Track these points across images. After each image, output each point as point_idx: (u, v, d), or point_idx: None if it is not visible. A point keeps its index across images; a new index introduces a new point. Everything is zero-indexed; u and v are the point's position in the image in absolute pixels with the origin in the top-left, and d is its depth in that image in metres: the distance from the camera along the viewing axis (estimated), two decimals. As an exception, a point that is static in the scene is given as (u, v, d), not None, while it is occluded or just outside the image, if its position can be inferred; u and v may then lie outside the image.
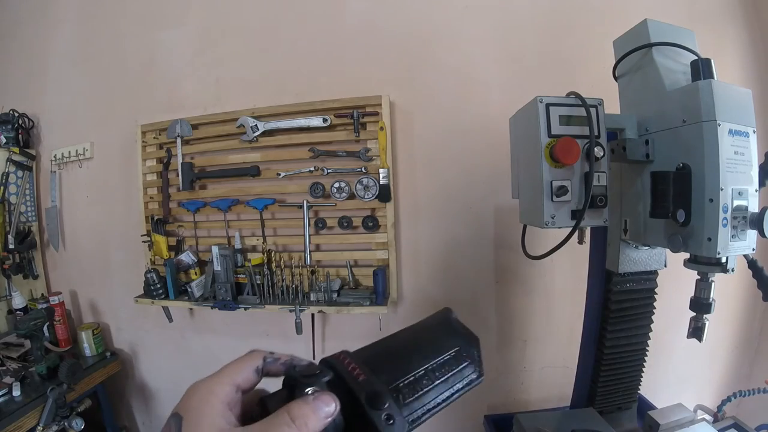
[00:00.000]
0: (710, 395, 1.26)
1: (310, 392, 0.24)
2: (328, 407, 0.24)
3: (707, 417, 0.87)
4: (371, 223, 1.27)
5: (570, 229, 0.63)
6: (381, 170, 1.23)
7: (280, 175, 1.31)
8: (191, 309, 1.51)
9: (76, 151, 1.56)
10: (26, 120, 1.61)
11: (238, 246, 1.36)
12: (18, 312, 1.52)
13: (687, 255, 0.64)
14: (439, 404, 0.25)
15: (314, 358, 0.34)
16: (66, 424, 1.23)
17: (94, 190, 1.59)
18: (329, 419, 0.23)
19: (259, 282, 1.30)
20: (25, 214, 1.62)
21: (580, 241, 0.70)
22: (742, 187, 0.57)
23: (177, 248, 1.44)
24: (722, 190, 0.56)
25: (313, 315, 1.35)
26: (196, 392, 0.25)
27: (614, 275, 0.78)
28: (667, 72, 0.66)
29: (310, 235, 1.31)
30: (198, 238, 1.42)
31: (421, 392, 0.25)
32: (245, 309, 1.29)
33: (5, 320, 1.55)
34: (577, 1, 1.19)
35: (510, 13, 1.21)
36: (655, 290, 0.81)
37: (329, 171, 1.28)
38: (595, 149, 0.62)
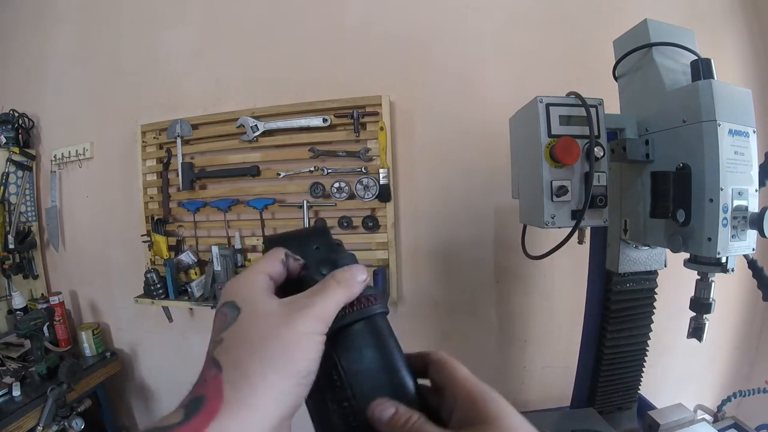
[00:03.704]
0: (710, 395, 1.26)
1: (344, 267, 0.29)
2: (363, 274, 0.28)
3: (707, 417, 0.87)
4: (371, 223, 1.27)
5: (570, 229, 0.63)
6: (381, 170, 1.23)
7: (280, 175, 1.31)
8: (191, 309, 1.51)
9: (76, 151, 1.56)
10: (26, 120, 1.61)
11: (238, 246, 1.36)
12: (18, 312, 1.52)
13: (687, 255, 0.64)
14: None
15: None
16: (66, 424, 1.23)
17: (94, 190, 1.59)
18: (364, 284, 0.28)
19: (259, 282, 1.30)
20: (25, 214, 1.62)
21: (580, 241, 0.70)
22: (742, 187, 0.57)
23: (177, 248, 1.44)
24: (722, 190, 0.56)
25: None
26: (238, 283, 0.27)
27: (614, 275, 0.78)
28: (667, 72, 0.66)
29: (310, 235, 1.31)
30: (198, 238, 1.42)
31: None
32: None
33: (5, 320, 1.55)
34: (577, 1, 1.19)
35: (510, 12, 1.21)
36: (655, 290, 0.81)
37: (329, 171, 1.28)
38: (595, 149, 0.62)
